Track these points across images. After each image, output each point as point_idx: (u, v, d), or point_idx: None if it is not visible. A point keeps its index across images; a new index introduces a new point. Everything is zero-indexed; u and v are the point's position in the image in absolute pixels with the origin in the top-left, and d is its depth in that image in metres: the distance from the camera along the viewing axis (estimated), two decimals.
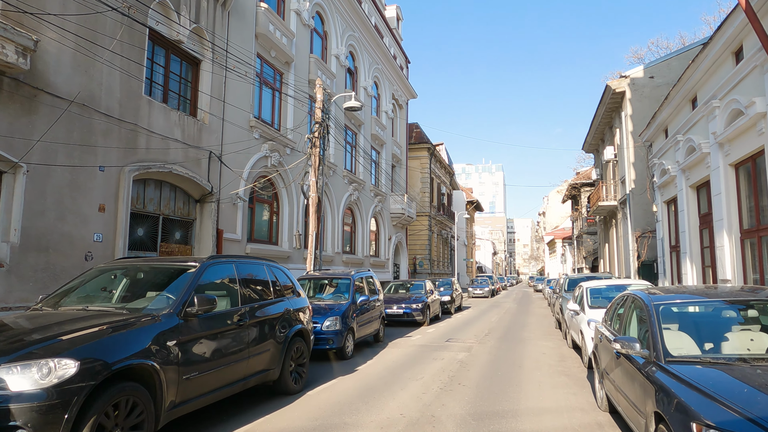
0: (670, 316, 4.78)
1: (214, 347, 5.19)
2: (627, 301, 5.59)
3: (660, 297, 4.90)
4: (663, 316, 4.60)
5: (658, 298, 4.85)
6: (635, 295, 5.31)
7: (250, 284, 6.28)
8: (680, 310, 4.88)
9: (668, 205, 14.93)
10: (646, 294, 5.07)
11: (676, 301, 4.87)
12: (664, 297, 4.93)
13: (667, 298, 4.92)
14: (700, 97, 11.69)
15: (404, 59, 34.32)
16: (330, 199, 21.12)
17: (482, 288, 38.13)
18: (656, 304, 4.69)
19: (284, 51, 17.24)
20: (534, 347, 11.60)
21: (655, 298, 4.87)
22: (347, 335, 9.83)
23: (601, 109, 22.48)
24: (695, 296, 5.18)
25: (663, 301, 4.78)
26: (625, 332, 5.34)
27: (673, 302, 4.84)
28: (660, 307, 4.66)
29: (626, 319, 5.41)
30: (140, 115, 10.96)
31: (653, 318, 4.53)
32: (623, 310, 5.64)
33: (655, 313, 4.56)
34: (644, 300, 4.92)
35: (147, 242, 11.63)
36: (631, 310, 5.34)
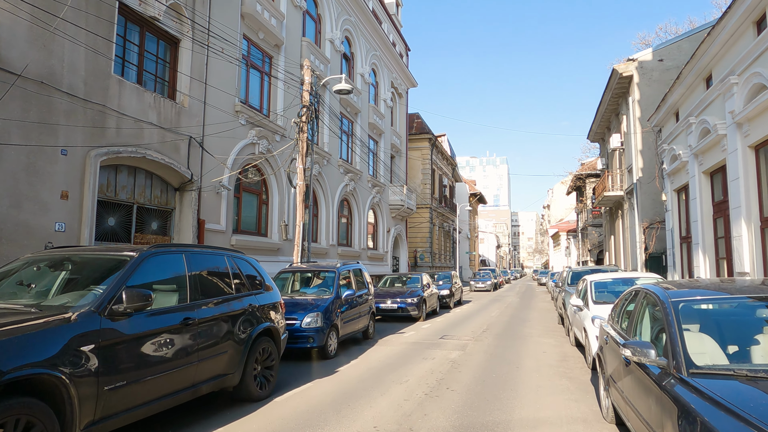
0: (691, 316, 3.97)
1: (151, 351, 4.41)
2: (638, 296, 4.77)
3: (677, 293, 4.08)
4: (684, 316, 3.78)
5: (676, 294, 4.03)
6: (648, 289, 4.49)
7: (204, 278, 5.50)
8: (702, 308, 4.07)
9: (679, 193, 14.04)
10: (662, 289, 4.24)
11: (697, 298, 4.04)
12: (682, 293, 4.11)
13: (686, 293, 4.10)
14: (716, 74, 10.78)
15: (404, 46, 33.37)
16: (324, 190, 20.33)
17: (484, 282, 37.29)
18: (674, 301, 3.87)
19: (273, 33, 16.40)
20: (534, 345, 10.79)
21: (673, 293, 4.05)
22: (330, 333, 9.05)
23: (607, 94, 21.52)
24: (717, 292, 4.35)
25: (682, 297, 3.96)
26: (635, 333, 4.53)
27: (693, 299, 4.01)
28: (680, 305, 3.84)
29: (637, 317, 4.60)
30: (109, 95, 10.18)
31: (671, 318, 3.71)
32: (633, 306, 4.82)
33: (674, 312, 3.74)
34: (659, 296, 4.10)
35: (119, 232, 10.88)
36: (642, 307, 4.52)
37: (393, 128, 30.22)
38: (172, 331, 4.69)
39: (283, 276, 10.66)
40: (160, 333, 4.55)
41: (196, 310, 5.09)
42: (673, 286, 4.55)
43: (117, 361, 4.04)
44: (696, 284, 4.72)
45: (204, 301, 5.27)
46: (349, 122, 23.75)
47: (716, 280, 4.81)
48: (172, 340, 4.69)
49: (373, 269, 25.28)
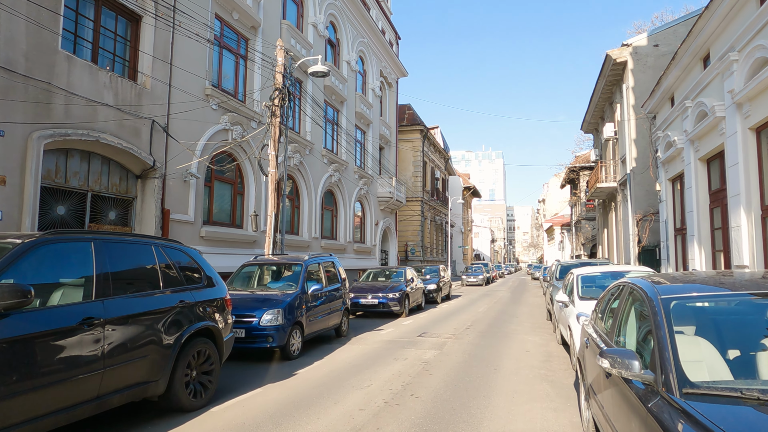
0: (685, 316, 3.23)
1: (33, 358, 3.64)
2: (623, 292, 4.02)
3: (668, 288, 3.33)
4: (676, 317, 3.03)
5: (666, 290, 3.28)
6: (634, 284, 3.74)
7: (121, 270, 4.71)
8: (698, 306, 3.33)
9: (673, 182, 13.31)
10: (649, 283, 3.49)
11: (692, 294, 3.28)
12: (673, 288, 3.36)
13: (678, 289, 3.35)
14: (714, 52, 10.02)
15: (394, 35, 32.48)
16: (306, 180, 19.52)
17: (476, 276, 36.60)
18: (665, 299, 3.12)
19: (249, 14, 15.52)
20: (518, 343, 10.07)
21: (663, 289, 3.30)
22: (292, 331, 8.29)
23: (600, 82, 20.75)
24: (716, 288, 3.60)
25: (674, 294, 3.21)
26: (618, 335, 3.78)
27: (688, 296, 3.25)
28: (671, 303, 3.09)
29: (621, 317, 3.85)
30: (56, 72, 9.33)
31: (661, 319, 2.96)
32: (618, 303, 4.08)
33: (664, 313, 2.99)
34: (647, 292, 3.35)
35: (70, 222, 10.06)
36: (627, 305, 3.78)
37: (382, 119, 29.38)
38: (65, 333, 3.91)
39: (247, 269, 9.88)
40: (48, 336, 3.77)
41: (105, 309, 4.31)
42: (664, 279, 3.80)
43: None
44: (691, 278, 3.97)
45: (117, 298, 4.49)
46: (334, 111, 22.91)
47: (713, 274, 4.06)
48: (66, 343, 3.91)
49: (360, 263, 24.54)
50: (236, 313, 7.99)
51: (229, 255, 14.11)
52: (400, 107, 38.53)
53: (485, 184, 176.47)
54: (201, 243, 13.35)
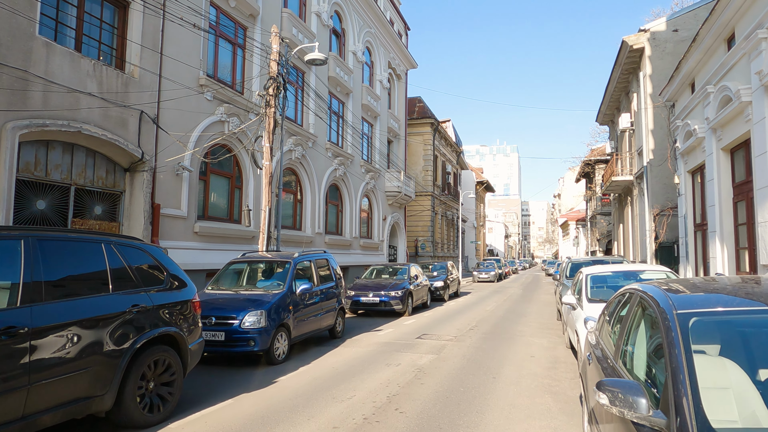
0: (707, 332, 2.58)
1: None
2: (632, 300, 3.35)
3: (687, 300, 2.68)
4: (697, 337, 2.38)
5: (684, 302, 2.62)
6: (645, 292, 3.07)
7: (58, 272, 4.17)
8: (722, 320, 2.66)
9: (693, 175, 12.45)
10: (663, 293, 2.82)
11: (716, 309, 2.61)
12: (693, 300, 2.71)
13: (698, 301, 2.70)
14: (740, 31, 9.19)
15: (403, 25, 31.71)
16: (309, 174, 18.97)
17: (488, 272, 35.82)
18: (682, 315, 2.46)
19: (247, 1, 14.95)
20: (523, 347, 9.41)
21: (680, 300, 2.64)
22: (277, 334, 7.74)
23: (616, 71, 19.81)
24: (743, 300, 2.92)
25: (693, 308, 2.55)
26: (623, 356, 3.13)
27: (710, 311, 2.59)
28: (690, 320, 2.43)
29: (627, 333, 3.19)
30: (33, 59, 8.86)
31: (676, 342, 2.31)
32: (624, 315, 3.41)
33: (680, 333, 2.34)
34: (660, 303, 2.70)
35: (51, 217, 9.62)
36: (636, 318, 3.12)
37: (390, 111, 28.69)
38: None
39: (234, 267, 9.35)
40: None
41: (32, 316, 3.77)
42: (682, 287, 3.13)
43: None
44: (713, 285, 3.27)
45: (50, 304, 3.96)
46: (339, 103, 22.30)
47: (738, 281, 3.32)
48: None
49: (366, 259, 23.98)
50: (216, 314, 7.49)
51: (226, 251, 13.62)
52: (410, 100, 37.79)
53: (500, 179, 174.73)
54: (195, 239, 12.88)
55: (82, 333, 4.16)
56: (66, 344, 4.00)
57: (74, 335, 4.08)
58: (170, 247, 11.98)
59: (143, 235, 11.03)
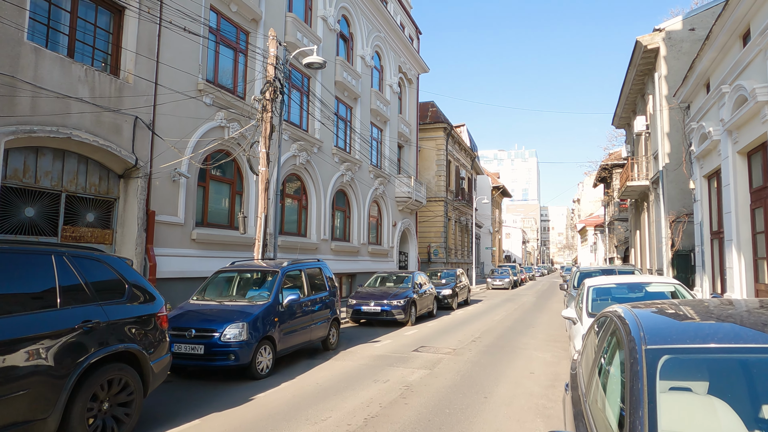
0: (692, 368, 2.16)
1: None
2: (607, 327, 2.92)
3: (663, 331, 2.25)
4: (675, 373, 1.97)
5: (658, 335, 2.19)
6: (621, 319, 2.64)
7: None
8: (703, 360, 2.22)
9: (709, 180, 11.81)
10: (636, 322, 2.39)
11: (698, 346, 2.17)
12: (671, 331, 2.27)
13: (678, 334, 2.26)
14: (755, 27, 8.61)
15: (414, 29, 31.39)
16: (314, 180, 18.71)
17: (502, 279, 35.14)
18: (652, 351, 2.04)
19: (248, 6, 14.80)
20: (524, 361, 8.92)
21: (654, 333, 2.21)
22: (261, 347, 7.41)
23: (631, 72, 19.16)
24: (752, 333, 2.45)
25: (667, 343, 2.12)
26: (594, 394, 2.70)
27: (690, 347, 2.15)
28: (661, 359, 2.01)
29: (602, 362, 2.76)
30: (21, 65, 8.74)
31: (640, 390, 1.89)
32: (600, 340, 2.98)
33: (645, 378, 1.92)
34: (631, 335, 2.27)
35: (41, 225, 9.48)
36: (611, 349, 2.69)
37: (401, 116, 28.35)
38: None
39: (222, 276, 9.07)
40: None
41: None
42: (676, 310, 2.70)
43: None
44: (718, 312, 2.78)
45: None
46: (346, 108, 22.04)
47: (755, 306, 2.82)
48: None
49: (375, 266, 23.61)
50: (197, 326, 7.20)
51: (225, 258, 13.37)
52: (423, 105, 37.42)
53: (518, 184, 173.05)
54: (192, 246, 12.69)
55: (20, 352, 3.87)
56: (1, 363, 3.71)
57: (9, 355, 3.79)
58: (166, 254, 11.81)
59: (137, 243, 10.86)
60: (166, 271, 11.66)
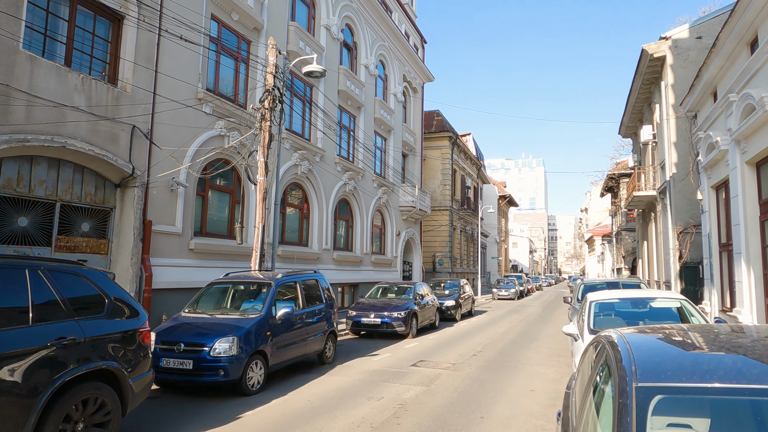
0: (690, 407, 1.92)
1: None
2: (600, 355, 2.69)
3: (659, 365, 2.02)
4: (672, 409, 1.75)
5: (652, 369, 1.97)
6: (614, 347, 2.42)
7: None
8: (702, 401, 1.99)
9: (717, 190, 11.52)
10: (628, 353, 2.17)
11: (691, 385, 1.92)
12: (667, 366, 2.04)
13: (676, 368, 2.03)
14: (763, 34, 8.38)
15: (419, 39, 31.37)
16: (316, 189, 18.57)
17: (508, 289, 34.73)
18: (643, 390, 1.82)
19: (250, 15, 14.77)
20: (525, 378, 8.64)
21: (648, 367, 1.99)
22: (251, 362, 7.20)
23: (637, 81, 18.92)
24: (754, 370, 2.21)
25: (662, 381, 1.89)
26: (586, 424, 2.47)
27: (688, 386, 1.91)
28: (653, 400, 1.79)
29: (594, 394, 2.54)
30: (15, 74, 8.68)
31: (628, 431, 1.66)
32: (592, 370, 2.75)
33: (634, 421, 1.69)
34: (622, 368, 2.05)
35: (34, 234, 9.38)
36: (603, 380, 2.46)
37: (405, 125, 28.23)
38: None
39: (216, 288, 8.88)
40: None
41: None
42: (668, 332, 2.47)
43: None
44: (728, 343, 2.55)
45: None
46: (350, 117, 21.95)
47: (756, 336, 2.57)
48: None
49: (378, 275, 23.37)
50: (186, 340, 7.01)
51: (224, 269, 13.19)
52: (429, 113, 37.32)
53: (525, 193, 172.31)
54: (190, 256, 12.54)
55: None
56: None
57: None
58: (163, 264, 11.67)
59: (133, 253, 10.73)
60: (162, 282, 11.51)
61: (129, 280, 10.63)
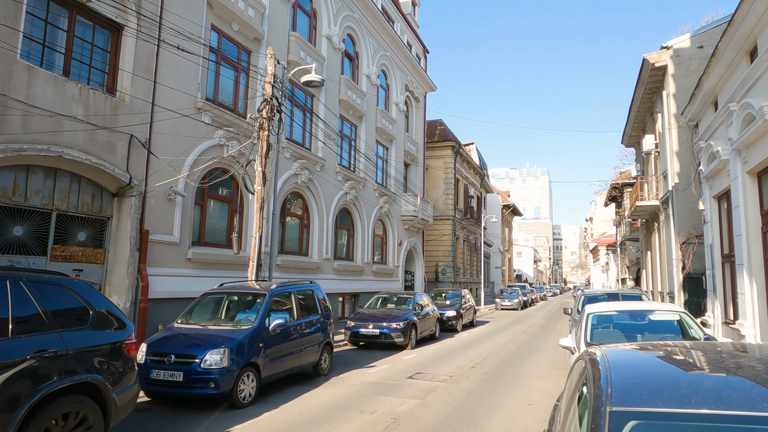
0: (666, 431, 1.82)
1: None
2: (582, 371, 2.59)
3: (638, 387, 1.92)
4: None
5: (629, 392, 1.87)
6: (591, 361, 2.33)
7: None
8: (684, 414, 1.88)
9: (719, 200, 11.38)
10: (606, 372, 2.07)
11: (670, 411, 1.80)
12: (646, 386, 1.94)
13: (652, 390, 1.92)
14: (762, 43, 8.30)
15: (421, 48, 31.45)
16: (317, 198, 18.52)
17: (511, 299, 34.53)
18: (617, 414, 1.72)
19: (251, 25, 14.83)
20: (523, 391, 8.49)
21: (625, 389, 1.89)
22: (243, 374, 7.10)
23: (639, 90, 18.84)
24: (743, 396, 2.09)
25: (639, 405, 1.79)
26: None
27: (663, 413, 1.80)
28: (627, 426, 1.68)
29: (574, 416, 2.43)
30: (13, 83, 8.69)
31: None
32: (573, 389, 2.65)
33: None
34: (599, 386, 1.96)
35: (30, 243, 9.35)
36: (583, 402, 2.36)
37: (407, 134, 28.22)
38: None
39: (210, 298, 8.81)
40: None
41: None
42: (657, 350, 2.37)
43: None
44: (700, 357, 2.47)
45: None
46: (351, 126, 21.95)
47: (759, 357, 2.45)
48: None
49: (380, 285, 23.24)
50: (176, 352, 6.93)
51: (222, 278, 13.13)
52: (431, 123, 37.34)
53: (530, 202, 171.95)
54: (187, 265, 12.49)
55: None
56: None
57: None
58: (160, 274, 11.62)
59: (129, 262, 10.68)
60: (159, 291, 11.45)
61: (125, 290, 10.58)
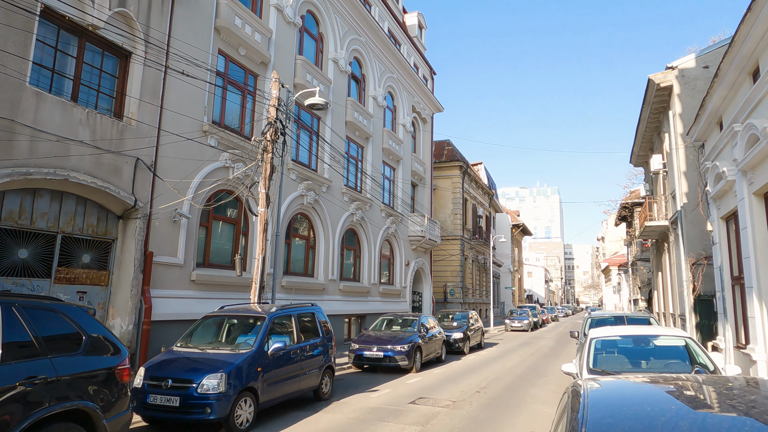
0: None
1: None
2: (566, 404, 2.51)
3: (606, 426, 1.85)
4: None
5: (598, 428, 1.80)
6: (574, 394, 2.26)
7: None
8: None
9: (727, 221, 11.21)
10: (584, 406, 2.01)
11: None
12: (618, 424, 1.87)
13: (624, 427, 1.85)
14: (764, 64, 8.25)
15: (428, 70, 31.77)
16: (323, 219, 18.56)
17: (521, 321, 34.08)
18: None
19: (257, 50, 15.10)
20: (527, 417, 8.30)
21: (596, 424, 1.82)
22: (240, 399, 7.02)
23: (645, 110, 18.79)
24: None
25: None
26: None
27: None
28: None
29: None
30: (21, 109, 8.88)
31: None
32: (558, 421, 2.57)
33: None
34: (575, 425, 1.89)
35: (34, 266, 9.43)
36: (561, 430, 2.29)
37: (415, 155, 28.34)
38: None
39: (211, 321, 8.78)
40: None
41: None
42: (649, 385, 2.29)
43: None
44: (690, 389, 2.36)
45: None
46: (358, 147, 22.08)
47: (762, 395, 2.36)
48: None
49: (387, 306, 23.09)
50: (173, 376, 6.89)
51: (225, 300, 13.09)
52: (439, 143, 37.49)
53: (540, 221, 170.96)
54: (191, 287, 12.51)
55: None
56: None
57: None
58: (164, 296, 11.64)
59: (132, 284, 10.72)
60: (162, 314, 11.45)
61: (128, 312, 10.60)
